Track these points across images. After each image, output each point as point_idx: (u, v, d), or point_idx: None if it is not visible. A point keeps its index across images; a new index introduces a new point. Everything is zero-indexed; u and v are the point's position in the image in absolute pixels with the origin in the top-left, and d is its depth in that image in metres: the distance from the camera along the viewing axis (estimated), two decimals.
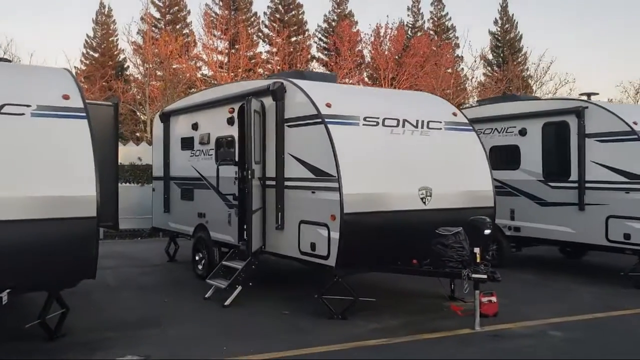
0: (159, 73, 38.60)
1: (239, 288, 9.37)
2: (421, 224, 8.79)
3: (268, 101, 9.59)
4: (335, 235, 8.21)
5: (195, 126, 11.80)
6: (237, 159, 10.44)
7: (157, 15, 45.91)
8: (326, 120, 8.48)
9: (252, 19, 46.72)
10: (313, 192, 8.64)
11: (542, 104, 12.43)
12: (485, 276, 7.97)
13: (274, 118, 9.40)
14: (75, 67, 44.48)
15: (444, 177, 9.23)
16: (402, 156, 8.98)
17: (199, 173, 11.68)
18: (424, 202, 8.87)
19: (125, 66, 46.59)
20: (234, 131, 10.53)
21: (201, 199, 11.63)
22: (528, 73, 42.50)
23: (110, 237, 17.67)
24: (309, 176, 8.72)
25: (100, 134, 9.58)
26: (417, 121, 9.28)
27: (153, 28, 41.52)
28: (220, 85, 11.14)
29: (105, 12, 49.75)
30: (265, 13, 48.17)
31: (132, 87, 41.77)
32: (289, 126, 9.19)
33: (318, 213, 8.53)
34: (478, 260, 8.10)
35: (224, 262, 10.15)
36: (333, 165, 8.24)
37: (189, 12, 47.23)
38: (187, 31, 44.88)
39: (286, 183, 9.20)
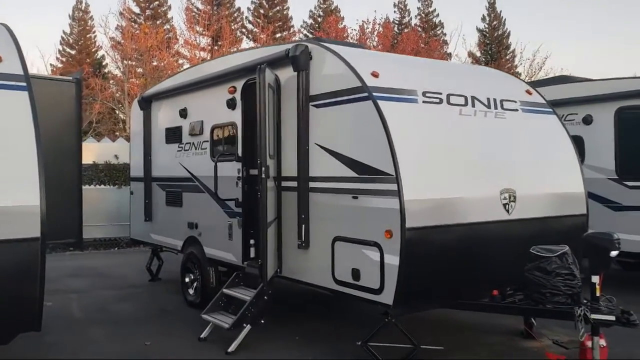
0: (139, 70, 35.96)
1: (247, 327, 6.63)
2: (504, 240, 6.16)
3: (285, 74, 6.86)
4: (392, 259, 5.51)
5: (183, 113, 9.00)
6: (240, 153, 7.69)
7: (137, 10, 42.82)
8: (374, 94, 5.77)
9: (236, 15, 43.88)
10: (355, 198, 5.92)
11: (616, 84, 9.83)
12: (612, 317, 5.34)
13: (294, 96, 6.66)
14: (51, 64, 41.60)
15: (528, 174, 6.57)
16: (477, 146, 6.30)
17: (189, 172, 8.89)
18: (507, 210, 6.20)
19: (104, 63, 43.58)
20: (236, 117, 7.77)
21: (192, 204, 8.84)
22: (517, 70, 40.27)
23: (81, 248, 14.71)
24: (348, 174, 6.01)
25: (57, 118, 6.82)
26: (489, 99, 6.61)
27: (132, 23, 38.67)
28: (216, 59, 8.45)
29: (82, 8, 46.60)
30: (249, 8, 45.44)
31: (111, 84, 38.92)
32: (315, 106, 6.46)
33: (364, 227, 5.83)
34: (597, 293, 5.46)
35: (224, 291, 7.37)
36: (388, 159, 5.53)
37: (169, 7, 44.28)
38: (168, 27, 41.91)
39: (312, 184, 6.47)
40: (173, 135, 9.31)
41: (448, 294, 6.03)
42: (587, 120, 9.63)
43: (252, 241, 7.67)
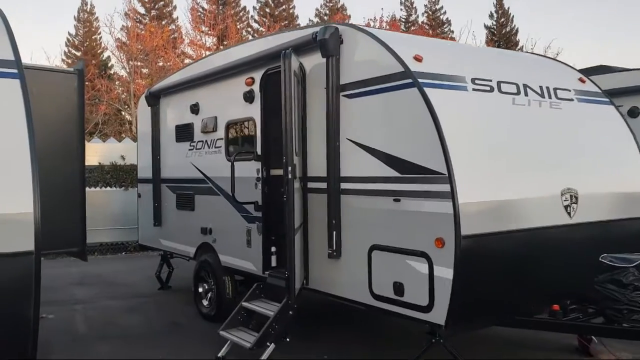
0: (144, 71, 35.30)
1: (271, 347, 5.80)
2: (565, 247, 5.31)
3: (311, 61, 6.04)
4: (444, 272, 4.67)
5: (195, 108, 8.18)
6: (260, 151, 6.86)
7: (142, 10, 42.08)
8: (420, 81, 4.93)
9: (241, 14, 43.10)
10: (396, 200, 5.08)
11: None
12: None
13: (322, 86, 5.83)
14: (56, 65, 40.85)
15: (589, 172, 5.73)
16: (533, 139, 5.45)
17: (201, 173, 8.07)
18: (569, 213, 5.35)
19: (110, 65, 42.97)
20: (254, 111, 6.95)
21: (206, 208, 8.02)
22: None
23: (88, 252, 13.89)
24: (388, 174, 5.17)
25: (56, 113, 6.01)
26: (542, 88, 5.76)
27: (138, 24, 37.95)
28: (230, 47, 7.59)
29: (88, 10, 45.90)
30: (254, 7, 44.73)
31: (117, 85, 38.25)
32: (347, 96, 5.62)
33: (408, 234, 4.99)
34: None
35: (244, 304, 6.55)
36: (438, 155, 4.69)
37: (175, 7, 43.56)
38: (174, 27, 41.14)
39: (344, 185, 5.65)
40: (184, 133, 8.50)
41: (505, 309, 5.19)
42: (634, 113, 8.75)
43: (273, 249, 6.86)
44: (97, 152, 14.50)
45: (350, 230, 5.59)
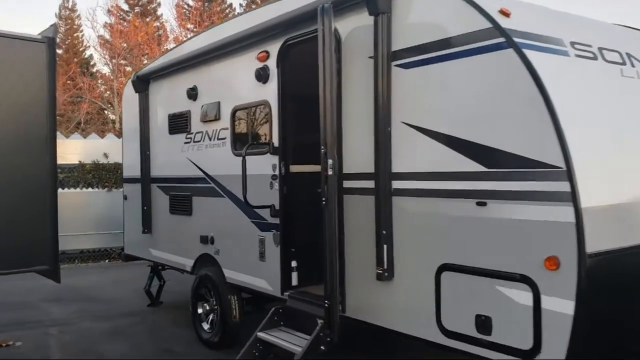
0: (128, 69, 33.63)
1: None
2: None
3: (349, 24, 4.59)
4: (559, 304, 3.25)
5: (192, 93, 6.67)
6: (277, 142, 5.40)
7: (125, 7, 40.27)
8: (516, 40, 3.50)
9: (227, 11, 41.39)
10: (481, 204, 3.64)
11: None
12: None
13: (366, 54, 4.38)
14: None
15: None
16: None
17: (201, 170, 6.58)
18: None
19: (92, 63, 41.23)
20: (269, 93, 5.48)
21: (206, 212, 6.53)
22: None
23: (67, 261, 12.30)
24: (470, 168, 3.74)
25: (19, 94, 4.46)
26: None
27: (121, 21, 36.23)
28: (237, 16, 6.07)
29: (69, 7, 43.98)
30: (240, 4, 42.93)
31: (100, 84, 36.56)
32: (402, 66, 4.17)
33: (500, 251, 3.56)
34: None
35: (260, 335, 5.08)
36: (551, 141, 3.27)
37: (159, 4, 41.78)
38: (158, 24, 39.42)
39: (398, 184, 4.20)
40: (179, 123, 6.98)
41: (633, 347, 3.77)
42: None
43: (294, 264, 5.41)
44: (77, 150, 12.89)
45: (407, 244, 4.14)
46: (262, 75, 5.50)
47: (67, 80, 35.19)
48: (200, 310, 6.59)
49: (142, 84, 7.59)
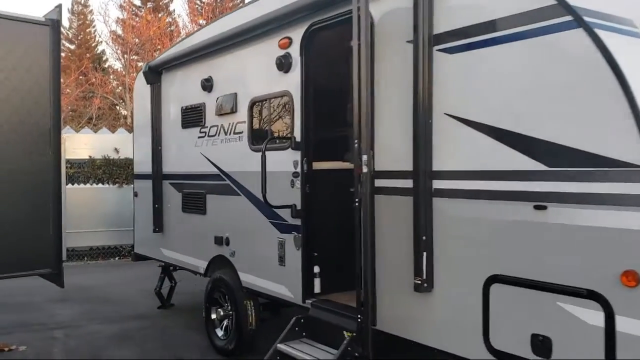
0: (140, 64, 33.31)
1: None
2: None
3: (383, 5, 4.09)
4: (636, 326, 2.74)
5: (208, 84, 6.21)
6: (299, 136, 4.92)
7: (138, 2, 39.88)
8: (587, 19, 3.00)
9: (240, 6, 40.86)
10: (540, 208, 3.14)
11: None
12: None
13: (403, 38, 3.89)
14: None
15: None
16: None
17: (215, 167, 6.11)
18: None
19: (104, 58, 40.97)
20: (291, 83, 5.00)
21: (221, 211, 6.08)
22: None
23: (76, 258, 11.92)
24: (526, 167, 3.24)
25: (20, 81, 4.01)
26: None
27: (133, 16, 35.89)
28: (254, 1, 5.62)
29: (82, 2, 43.74)
30: None
31: (112, 79, 36.31)
32: (446, 51, 3.68)
33: (562, 262, 3.06)
34: None
35: (280, 347, 4.61)
36: (631, 137, 2.76)
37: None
38: (170, 20, 39.05)
39: (439, 184, 3.71)
40: (192, 116, 6.52)
41: None
42: None
43: (316, 269, 4.94)
44: (87, 145, 12.48)
45: (450, 252, 3.65)
46: (283, 64, 5.02)
47: (80, 76, 35.00)
48: (214, 316, 6.13)
49: (154, 75, 7.13)
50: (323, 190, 5.05)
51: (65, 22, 43.45)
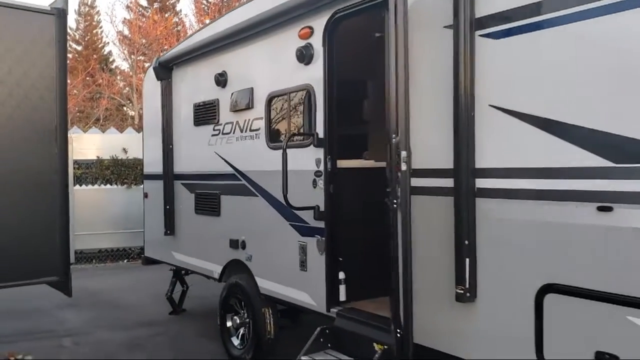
0: (147, 65, 33.07)
1: None
2: None
3: None
4: None
5: (222, 79, 5.86)
6: (322, 133, 4.56)
7: (144, 3, 39.63)
8: None
9: None
10: (605, 210, 2.77)
11: None
12: None
13: (441, 23, 3.53)
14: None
15: None
16: None
17: (230, 166, 5.77)
18: None
19: (111, 60, 40.80)
20: (312, 75, 4.65)
21: (237, 213, 5.73)
22: None
23: (84, 261, 11.60)
24: (589, 163, 2.86)
25: (23, 74, 3.67)
26: None
27: (140, 17, 35.65)
28: None
29: (89, 3, 43.55)
30: None
31: (119, 80, 36.12)
32: (490, 36, 3.30)
33: (632, 271, 2.68)
34: None
35: None
36: None
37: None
38: (177, 20, 38.77)
39: (483, 183, 3.34)
40: (205, 113, 6.18)
41: None
42: None
43: (342, 275, 4.59)
44: (95, 145, 12.16)
45: (496, 258, 3.28)
46: (304, 55, 4.66)
47: (86, 77, 34.81)
48: (229, 324, 5.79)
49: (165, 70, 6.79)
50: (348, 190, 4.70)
51: (72, 23, 43.27)
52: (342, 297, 4.56)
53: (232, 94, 5.71)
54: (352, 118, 4.98)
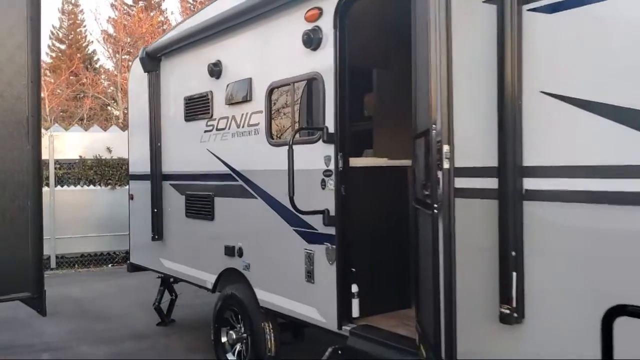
0: (132, 64, 32.34)
1: None
2: None
3: None
4: None
5: (216, 69, 5.27)
6: (333, 127, 4.01)
7: (129, 1, 38.81)
8: None
9: None
10: None
11: None
12: None
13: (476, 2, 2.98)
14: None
15: None
16: None
17: (225, 165, 5.19)
18: None
19: (95, 59, 39.93)
20: (321, 63, 4.09)
21: (233, 217, 5.15)
22: None
23: (65, 266, 10.93)
24: None
25: None
26: None
27: (125, 16, 34.87)
28: None
29: (73, 1, 42.57)
30: None
31: (103, 79, 35.34)
32: (543, 9, 2.76)
33: None
34: None
35: None
36: None
37: None
38: (162, 19, 37.99)
39: (532, 183, 2.79)
40: (197, 107, 5.59)
41: None
42: None
43: (354, 288, 4.04)
44: (77, 144, 11.48)
45: (549, 273, 2.75)
46: (312, 40, 4.10)
47: (70, 76, 33.99)
48: (224, 339, 5.21)
49: (152, 61, 6.19)
50: (360, 191, 4.16)
51: (55, 22, 42.36)
52: (355, 313, 4.02)
53: (227, 86, 5.13)
54: (354, 113, 4.42)
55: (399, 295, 4.44)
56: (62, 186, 11.09)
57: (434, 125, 2.63)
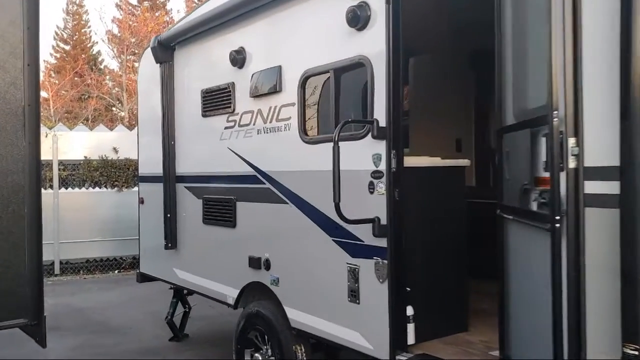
0: (137, 64, 31.81)
1: None
2: None
3: None
4: None
5: (239, 57, 4.63)
6: (385, 121, 3.35)
7: (134, 1, 38.29)
8: None
9: None
10: None
11: None
12: None
13: None
14: (44, 60, 37.29)
15: None
16: None
17: (250, 165, 4.54)
18: None
19: (100, 59, 39.46)
20: (369, 45, 3.45)
21: (258, 225, 4.50)
22: None
23: (70, 272, 10.29)
24: None
25: None
26: None
27: (130, 16, 34.35)
28: None
29: (77, 2, 42.08)
30: None
31: (107, 80, 34.87)
32: None
33: None
34: None
35: None
36: None
37: None
38: (168, 19, 37.43)
39: None
40: (217, 100, 4.95)
41: None
42: None
43: (409, 311, 3.39)
44: (82, 144, 10.87)
45: None
46: (358, 17, 3.46)
47: (75, 77, 33.51)
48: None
49: (166, 51, 5.54)
50: (415, 197, 3.52)
51: (60, 23, 41.79)
52: (411, 339, 3.38)
53: (252, 76, 4.49)
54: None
55: (454, 317, 3.80)
56: (66, 188, 10.48)
57: (555, 112, 1.98)
